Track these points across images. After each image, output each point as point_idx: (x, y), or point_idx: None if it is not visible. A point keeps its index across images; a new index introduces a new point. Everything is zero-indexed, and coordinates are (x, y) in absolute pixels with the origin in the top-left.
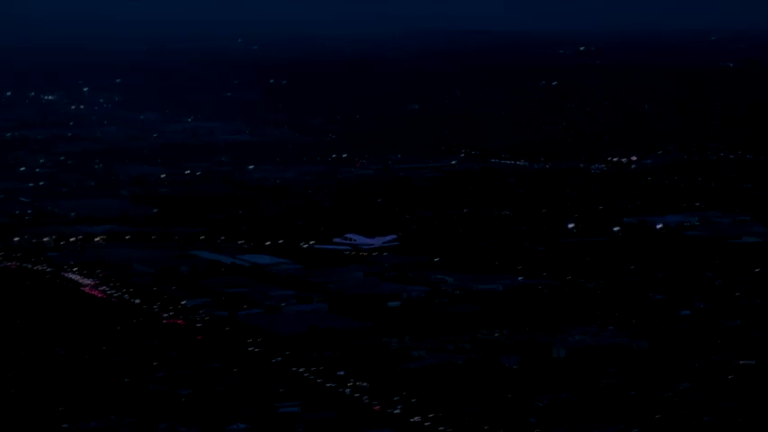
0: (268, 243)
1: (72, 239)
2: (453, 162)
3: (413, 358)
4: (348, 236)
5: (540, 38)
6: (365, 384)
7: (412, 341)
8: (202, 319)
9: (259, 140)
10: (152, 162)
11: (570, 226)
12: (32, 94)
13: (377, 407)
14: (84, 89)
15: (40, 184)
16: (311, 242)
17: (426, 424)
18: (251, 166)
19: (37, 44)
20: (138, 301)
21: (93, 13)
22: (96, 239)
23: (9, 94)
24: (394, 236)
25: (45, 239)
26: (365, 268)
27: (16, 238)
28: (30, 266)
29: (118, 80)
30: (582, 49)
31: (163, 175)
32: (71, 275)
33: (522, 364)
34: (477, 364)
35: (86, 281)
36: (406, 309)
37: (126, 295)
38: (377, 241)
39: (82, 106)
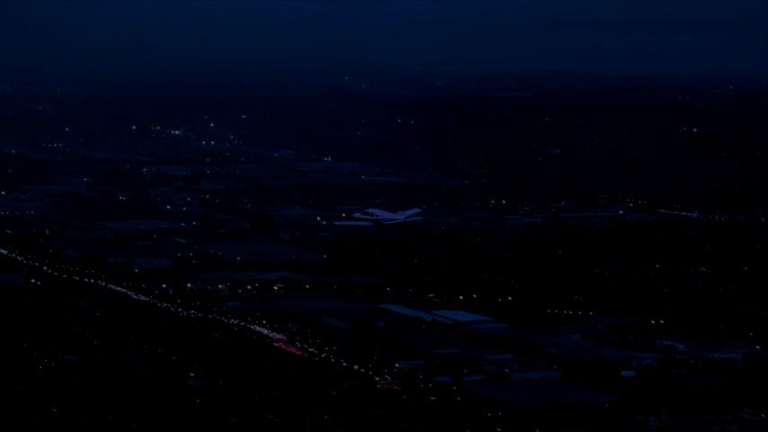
0: (461, 297)
1: (248, 287)
2: (620, 211)
3: None
4: (370, 210)
5: (651, 83)
6: None
7: (671, 420)
8: (425, 385)
9: (408, 183)
10: (303, 203)
11: None
12: (158, 128)
13: None
14: (211, 124)
15: (193, 224)
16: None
17: None
18: None
19: (146, 77)
20: (344, 361)
21: (192, 47)
22: (275, 288)
23: (134, 127)
24: (418, 209)
25: (219, 286)
26: (577, 329)
27: (188, 284)
28: (213, 317)
29: (243, 116)
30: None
31: (319, 218)
32: (259, 328)
33: None
34: None
35: (277, 335)
36: (644, 379)
37: (330, 355)
38: (399, 216)
39: (213, 142)
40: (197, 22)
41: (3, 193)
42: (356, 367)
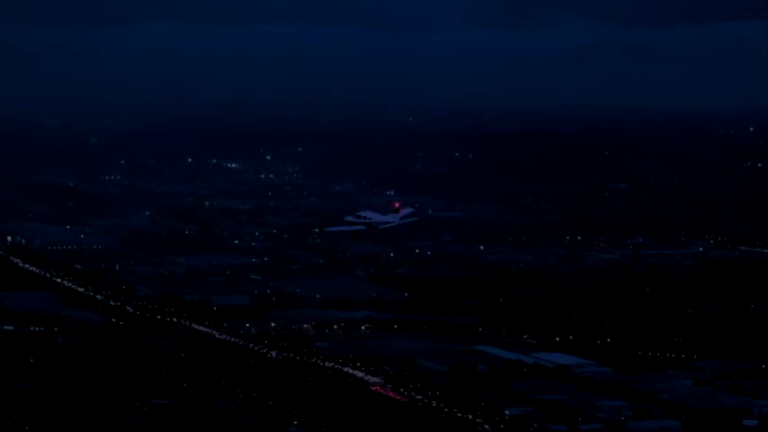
0: (558, 339)
1: (334, 327)
2: (701, 248)
3: None
4: (362, 213)
5: (695, 116)
6: None
7: None
8: None
9: (476, 218)
10: (374, 238)
11: None
12: (213, 160)
13: None
14: (267, 157)
15: (265, 259)
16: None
17: None
18: (481, 247)
19: (191, 110)
20: (451, 407)
21: (232, 79)
22: (362, 328)
23: (190, 160)
24: (411, 209)
25: (304, 326)
26: (685, 374)
27: (272, 323)
28: (303, 359)
29: (299, 149)
30: (751, 129)
31: (392, 254)
32: (352, 371)
33: None
34: None
35: (372, 378)
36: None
37: (434, 401)
38: (393, 218)
39: (271, 175)
40: (236, 53)
41: (67, 227)
42: (469, 416)
